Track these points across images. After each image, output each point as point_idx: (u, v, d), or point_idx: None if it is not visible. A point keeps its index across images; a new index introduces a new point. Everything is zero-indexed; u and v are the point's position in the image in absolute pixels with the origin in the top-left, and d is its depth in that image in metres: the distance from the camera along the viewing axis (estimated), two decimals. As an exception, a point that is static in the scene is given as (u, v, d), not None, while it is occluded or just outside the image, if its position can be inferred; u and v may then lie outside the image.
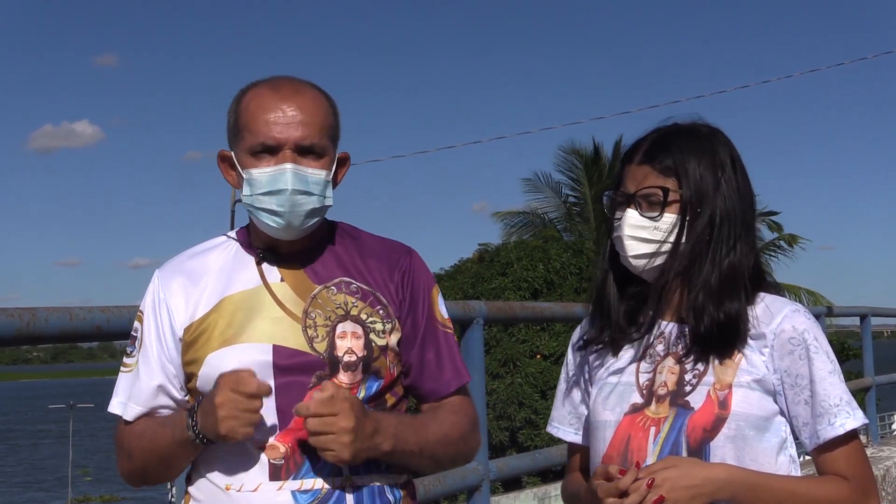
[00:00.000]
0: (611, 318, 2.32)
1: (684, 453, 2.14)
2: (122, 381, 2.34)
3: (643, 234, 2.22)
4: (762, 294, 2.25)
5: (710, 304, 2.18)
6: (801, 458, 2.27)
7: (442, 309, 2.41)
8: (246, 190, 2.24)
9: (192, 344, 2.27)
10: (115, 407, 2.34)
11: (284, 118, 2.22)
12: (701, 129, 2.29)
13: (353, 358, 2.24)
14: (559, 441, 2.60)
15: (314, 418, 2.08)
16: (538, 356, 21.26)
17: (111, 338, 3.24)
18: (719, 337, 2.18)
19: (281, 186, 2.20)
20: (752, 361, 2.18)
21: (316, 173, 2.24)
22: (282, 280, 2.29)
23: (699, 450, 2.14)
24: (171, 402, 2.31)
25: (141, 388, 2.30)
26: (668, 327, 2.27)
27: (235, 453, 2.21)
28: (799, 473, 2.21)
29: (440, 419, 2.32)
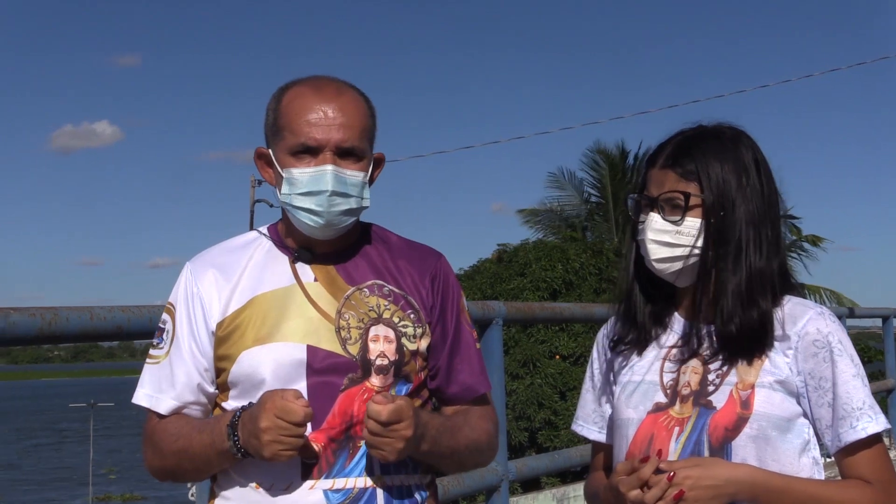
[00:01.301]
0: (636, 318, 2.33)
1: (706, 452, 2.15)
2: (149, 372, 2.33)
3: (665, 238, 2.22)
4: (787, 296, 2.25)
5: (737, 307, 2.18)
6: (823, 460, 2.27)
7: (468, 317, 2.43)
8: (285, 189, 2.26)
9: (225, 340, 2.27)
10: (141, 399, 2.32)
11: (326, 120, 2.23)
12: (725, 132, 2.28)
13: (385, 362, 2.25)
14: (578, 442, 2.62)
15: (382, 427, 2.09)
16: (557, 357, 21.24)
17: (132, 337, 3.25)
18: (745, 339, 2.18)
19: (321, 188, 2.21)
20: (775, 363, 2.18)
21: (355, 175, 2.25)
22: (315, 279, 2.30)
23: (721, 449, 2.14)
24: (202, 398, 2.31)
25: (173, 382, 2.29)
26: (692, 328, 2.26)
27: None
28: (822, 476, 2.21)
29: (472, 424, 2.34)
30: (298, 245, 2.33)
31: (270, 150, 2.31)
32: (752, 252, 2.20)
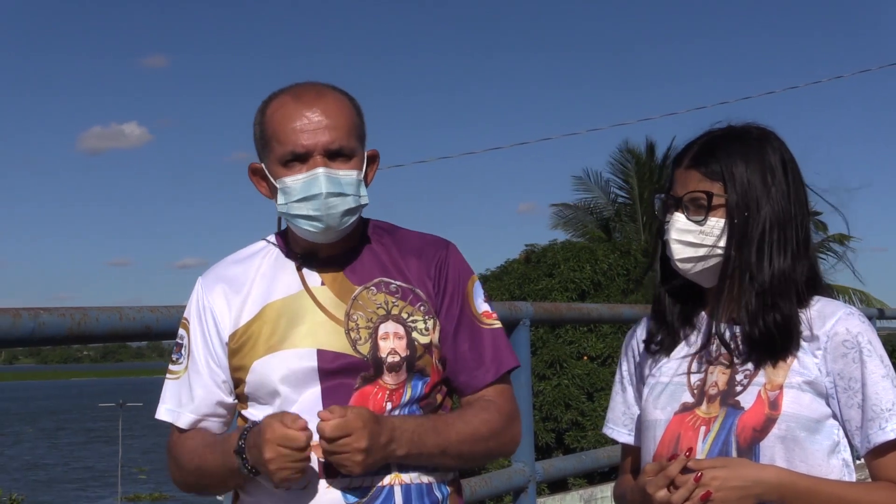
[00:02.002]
0: (664, 318, 2.32)
1: (734, 453, 2.14)
2: (170, 388, 2.36)
3: (689, 238, 2.22)
4: (816, 297, 2.24)
5: (762, 308, 2.18)
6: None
7: (479, 301, 2.39)
8: (281, 199, 2.26)
9: (238, 351, 2.29)
10: (164, 414, 2.36)
11: (311, 124, 2.24)
12: (752, 132, 2.27)
13: (397, 358, 2.25)
14: (606, 443, 2.61)
15: (328, 443, 2.09)
16: (585, 358, 21.18)
17: (160, 337, 3.26)
18: (771, 340, 2.17)
19: (315, 191, 2.22)
20: (804, 363, 2.17)
21: (348, 174, 2.25)
22: (322, 284, 2.31)
23: (749, 449, 2.13)
24: (221, 410, 2.34)
25: (192, 395, 2.32)
26: (720, 329, 2.25)
27: None
28: (853, 478, 2.19)
29: (467, 418, 2.29)
30: (303, 251, 2.34)
31: (263, 164, 2.32)
32: (777, 253, 2.19)
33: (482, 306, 2.39)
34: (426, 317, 2.30)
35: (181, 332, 2.39)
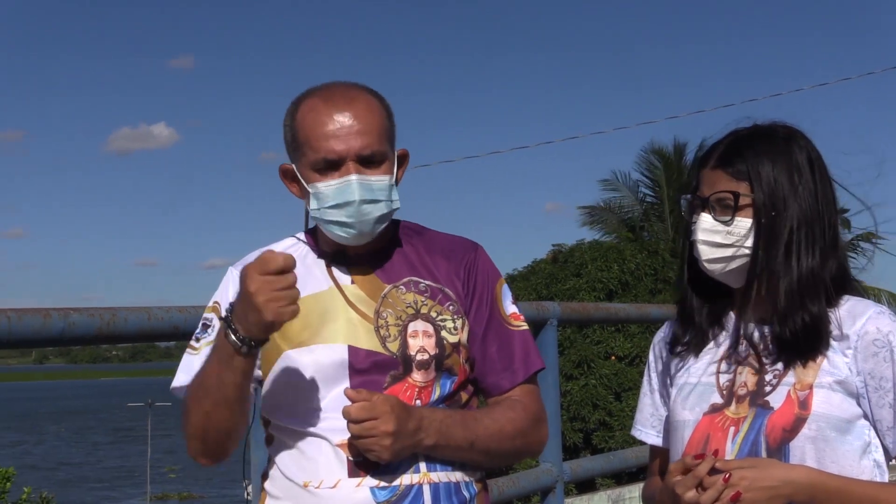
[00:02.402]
0: (693, 319, 2.32)
1: (763, 453, 2.13)
2: (187, 360, 2.35)
3: (716, 239, 2.21)
4: (846, 296, 2.22)
5: (791, 309, 2.16)
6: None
7: (507, 303, 2.40)
8: (313, 204, 2.26)
9: (266, 341, 2.26)
10: (178, 381, 2.33)
11: (343, 129, 2.22)
12: (778, 131, 2.26)
13: (426, 356, 2.26)
14: (633, 443, 2.61)
15: (355, 425, 2.11)
16: (612, 357, 21.11)
17: (188, 337, 3.25)
18: (801, 340, 2.16)
19: (348, 198, 2.22)
20: (834, 363, 2.15)
21: (380, 180, 2.25)
22: (352, 282, 2.32)
23: (779, 450, 2.12)
24: None
25: None
26: (748, 329, 2.25)
27: (314, 450, 2.24)
28: (885, 479, 2.18)
29: (495, 415, 2.30)
30: (333, 249, 2.34)
31: (293, 166, 2.31)
32: (806, 253, 2.18)
33: (510, 308, 2.40)
34: (455, 316, 2.31)
35: (209, 314, 2.38)
